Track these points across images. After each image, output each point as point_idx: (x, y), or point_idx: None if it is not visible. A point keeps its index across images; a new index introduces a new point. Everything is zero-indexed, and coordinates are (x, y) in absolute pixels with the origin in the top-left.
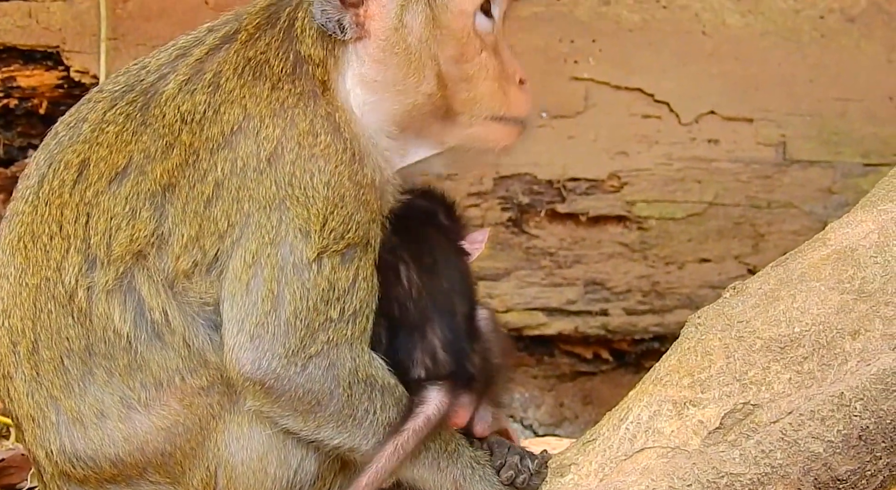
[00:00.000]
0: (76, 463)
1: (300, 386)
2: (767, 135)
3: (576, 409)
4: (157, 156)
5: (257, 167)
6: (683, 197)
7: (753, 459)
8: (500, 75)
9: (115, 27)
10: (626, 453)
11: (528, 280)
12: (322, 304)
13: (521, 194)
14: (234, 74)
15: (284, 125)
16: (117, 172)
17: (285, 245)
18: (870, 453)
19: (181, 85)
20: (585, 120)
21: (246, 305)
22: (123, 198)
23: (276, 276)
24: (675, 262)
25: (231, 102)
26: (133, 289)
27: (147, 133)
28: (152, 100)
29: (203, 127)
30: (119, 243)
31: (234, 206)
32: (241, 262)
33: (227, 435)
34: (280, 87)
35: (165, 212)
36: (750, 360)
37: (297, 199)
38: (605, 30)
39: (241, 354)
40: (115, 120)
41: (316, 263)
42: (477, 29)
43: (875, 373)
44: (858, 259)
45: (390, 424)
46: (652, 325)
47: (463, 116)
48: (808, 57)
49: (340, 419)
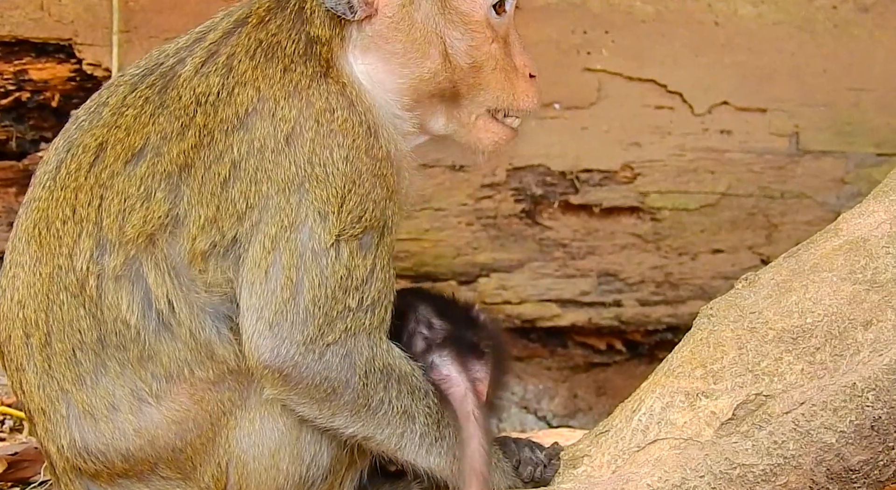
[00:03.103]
0: (87, 457)
1: (317, 373)
2: (780, 125)
3: (589, 401)
4: (173, 137)
5: (275, 148)
6: (696, 188)
7: (766, 450)
8: (509, 67)
9: (127, 20)
10: (639, 445)
11: (541, 271)
12: (340, 292)
13: (535, 186)
14: (246, 57)
15: (301, 106)
16: (133, 154)
17: (304, 229)
18: (882, 443)
19: (197, 67)
20: (598, 111)
21: (265, 293)
22: (139, 178)
23: (295, 263)
24: (689, 252)
25: (244, 84)
26: (140, 276)
27: (164, 115)
28: (170, 83)
29: (217, 108)
30: (132, 225)
31: (253, 188)
32: (261, 247)
33: (238, 431)
34: (293, 68)
35: (181, 192)
36: (762, 351)
37: (317, 178)
38: (617, 21)
39: (261, 342)
40: (134, 103)
41: (334, 249)
42: (489, 18)
43: (887, 363)
44: (870, 249)
45: (406, 412)
46: (665, 316)
47: (467, 101)
48: (821, 47)
49: (355, 408)
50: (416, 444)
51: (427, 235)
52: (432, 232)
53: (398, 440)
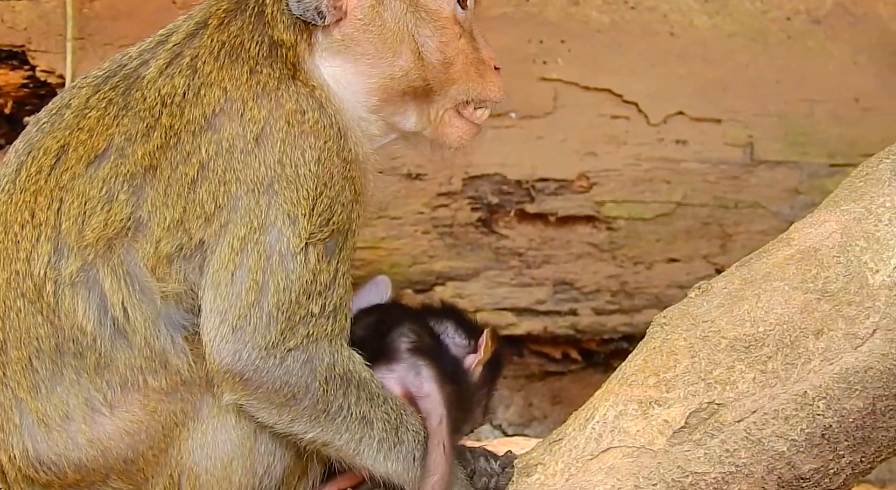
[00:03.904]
0: (39, 467)
1: (278, 378)
2: (735, 135)
3: (545, 409)
4: (137, 138)
5: (244, 148)
6: (652, 197)
7: (718, 458)
8: (478, 60)
9: (81, 27)
10: (592, 453)
11: (497, 280)
12: (304, 297)
13: (491, 194)
14: (210, 58)
15: (271, 106)
16: (96, 155)
17: (273, 231)
18: (833, 452)
19: (161, 69)
20: (554, 120)
21: (230, 296)
22: (101, 180)
23: (262, 266)
24: (644, 262)
25: (210, 85)
26: (97, 282)
27: (128, 116)
28: (134, 84)
29: (183, 109)
30: (92, 228)
31: (221, 189)
32: (229, 248)
33: (190, 442)
34: (258, 70)
35: (145, 194)
36: (715, 359)
37: (288, 179)
38: (574, 31)
39: (223, 346)
40: (97, 105)
41: (302, 254)
42: (456, 14)
43: (838, 372)
44: (822, 259)
45: (364, 418)
46: (621, 325)
47: (439, 96)
48: (774, 58)
49: (315, 413)
50: (374, 449)
51: (383, 244)
52: (388, 240)
53: (356, 446)
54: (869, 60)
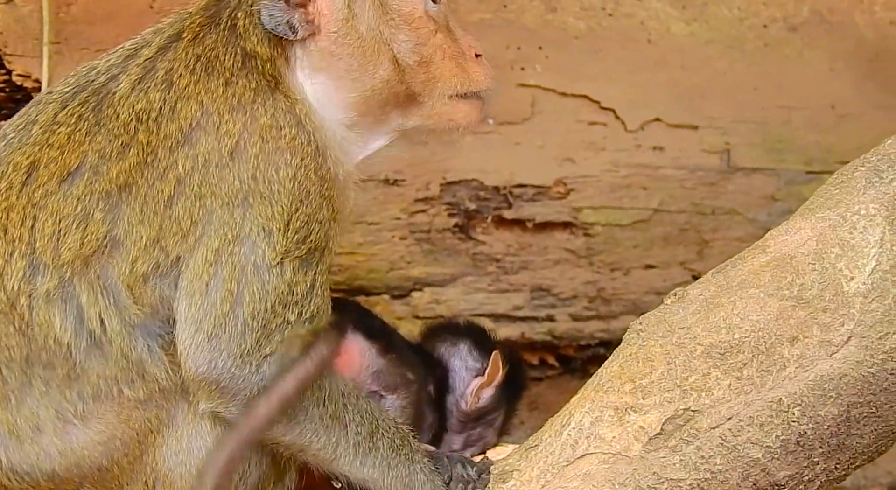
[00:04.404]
0: (12, 476)
1: (255, 384)
2: (712, 142)
3: (522, 415)
4: (112, 156)
5: (219, 163)
6: (629, 203)
7: (693, 465)
8: (457, 53)
9: (58, 31)
10: (568, 459)
11: (474, 286)
12: (280, 306)
13: (468, 200)
14: (186, 71)
15: (245, 120)
16: (69, 172)
17: (247, 243)
18: (807, 459)
19: (134, 84)
20: (532, 126)
21: (205, 305)
22: (75, 198)
23: (236, 276)
24: (621, 268)
25: (187, 98)
26: (73, 297)
27: (101, 133)
28: (105, 100)
29: (160, 125)
30: (68, 247)
31: (197, 203)
32: (203, 260)
33: (165, 449)
34: (234, 82)
35: (121, 213)
36: (690, 366)
37: (262, 195)
38: (551, 37)
39: (199, 354)
40: (66, 121)
41: (278, 267)
42: (428, 11)
43: (813, 379)
44: (797, 266)
45: (339, 421)
46: (598, 331)
47: (424, 98)
48: (751, 65)
49: (291, 417)
50: (350, 454)
51: (360, 249)
52: (366, 246)
53: (332, 450)
54: (845, 68)
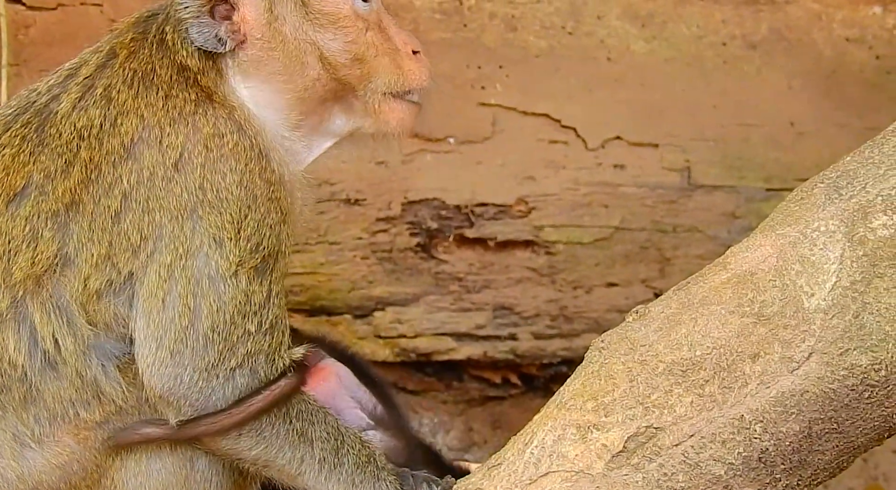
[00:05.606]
0: None
1: (222, 398)
2: (672, 160)
3: (485, 434)
4: (57, 174)
5: (165, 175)
6: (590, 221)
7: (656, 482)
8: (391, 50)
9: (17, 53)
10: (531, 478)
11: (436, 305)
12: (239, 317)
13: (430, 219)
14: (124, 86)
15: (187, 131)
16: (15, 193)
17: (200, 256)
18: (769, 475)
19: (74, 102)
20: (493, 145)
21: (163, 322)
22: (23, 219)
23: (192, 290)
24: (583, 286)
25: (126, 113)
26: (26, 317)
27: (45, 153)
28: (47, 120)
29: (102, 141)
30: (19, 267)
31: (146, 218)
32: (157, 276)
33: (124, 472)
34: (174, 95)
35: (70, 231)
36: (653, 383)
37: (210, 204)
38: (511, 56)
39: (163, 371)
40: (10, 143)
41: (233, 278)
42: (357, 10)
43: (774, 395)
44: (758, 283)
45: (305, 436)
46: (560, 350)
47: (361, 93)
48: (711, 83)
49: (259, 428)
50: (316, 469)
51: (322, 269)
52: (327, 265)
53: (298, 465)
54: (803, 85)
